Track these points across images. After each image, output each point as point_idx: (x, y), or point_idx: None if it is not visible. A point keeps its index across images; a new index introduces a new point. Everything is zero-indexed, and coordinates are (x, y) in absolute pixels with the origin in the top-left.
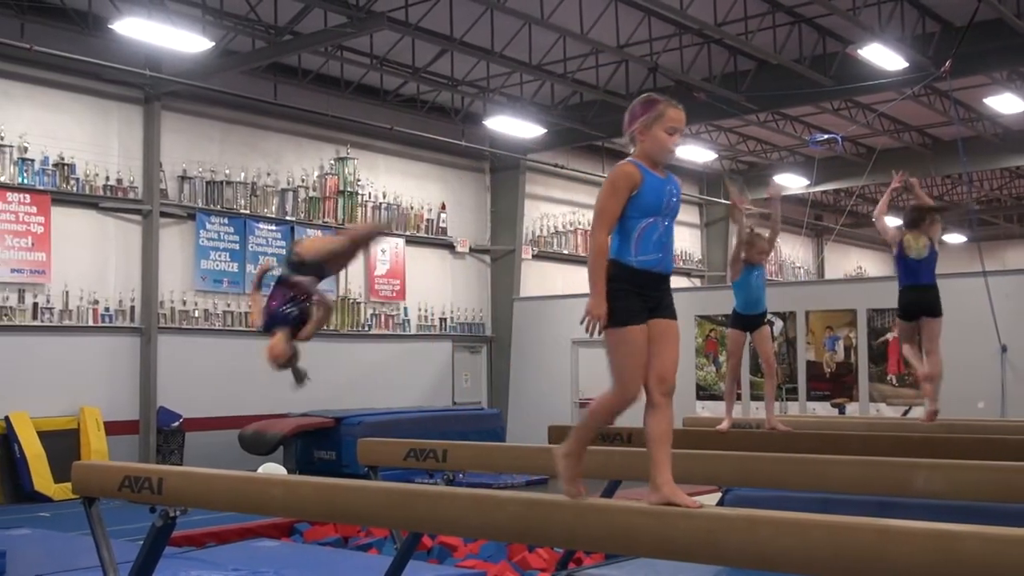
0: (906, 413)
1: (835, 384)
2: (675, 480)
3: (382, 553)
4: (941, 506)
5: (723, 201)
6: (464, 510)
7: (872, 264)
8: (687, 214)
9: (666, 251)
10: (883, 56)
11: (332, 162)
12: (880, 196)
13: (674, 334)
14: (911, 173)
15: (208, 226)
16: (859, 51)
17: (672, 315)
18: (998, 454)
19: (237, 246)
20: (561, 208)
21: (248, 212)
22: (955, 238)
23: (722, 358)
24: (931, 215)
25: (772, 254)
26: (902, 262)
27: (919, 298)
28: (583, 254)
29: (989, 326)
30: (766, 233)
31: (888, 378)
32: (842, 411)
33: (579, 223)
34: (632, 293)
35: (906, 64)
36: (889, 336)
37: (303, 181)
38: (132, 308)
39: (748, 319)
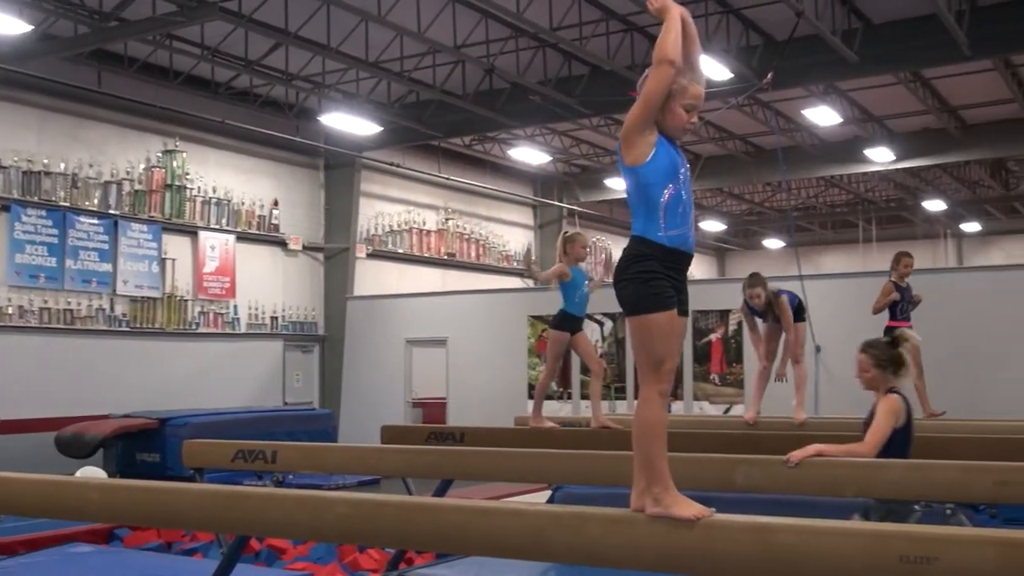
0: (727, 411)
1: None
2: (508, 478)
3: (207, 557)
4: (760, 500)
5: (557, 203)
6: (292, 511)
7: (698, 267)
8: (521, 215)
9: (690, 227)
10: (710, 66)
11: (159, 154)
12: (707, 201)
13: (684, 332)
14: (735, 180)
15: (24, 219)
16: None
17: (687, 310)
18: None
19: (56, 240)
20: (396, 207)
21: (68, 204)
22: (774, 243)
23: None
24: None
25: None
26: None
27: None
28: (418, 253)
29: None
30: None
31: (711, 377)
32: (668, 409)
33: (415, 222)
34: (663, 276)
35: (731, 75)
36: (712, 337)
37: (128, 173)
38: None
39: (577, 320)
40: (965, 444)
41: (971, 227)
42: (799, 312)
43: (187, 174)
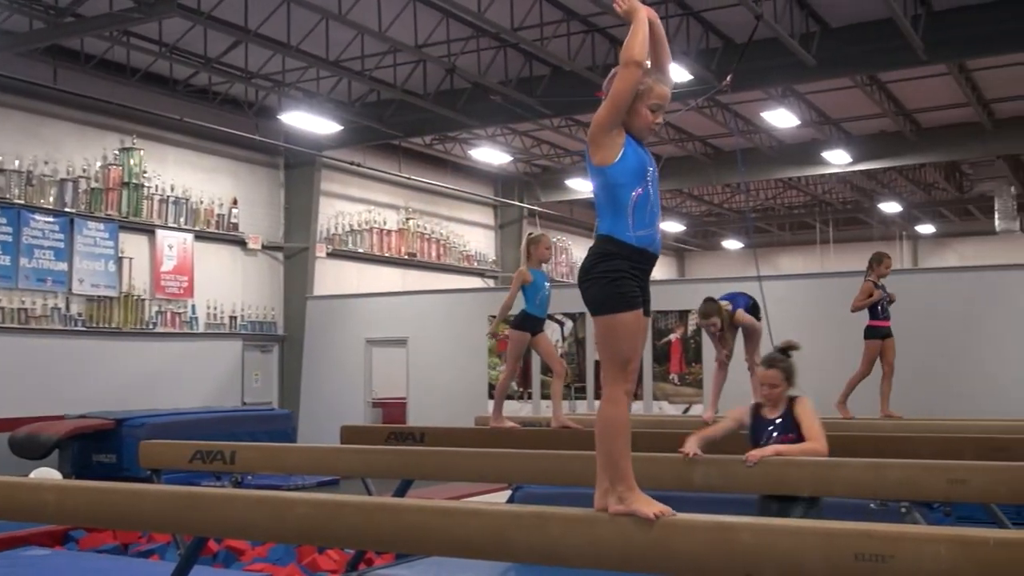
0: (686, 411)
1: None
2: (468, 478)
3: (164, 559)
4: (718, 499)
5: (517, 204)
6: (251, 512)
7: (657, 268)
8: (481, 215)
9: (657, 227)
10: (671, 68)
11: (116, 152)
12: (666, 202)
13: (646, 332)
14: (694, 181)
15: None
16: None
17: (649, 310)
18: None
19: (10, 238)
20: (357, 207)
21: (23, 202)
22: (733, 244)
23: None
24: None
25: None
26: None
27: None
28: (378, 253)
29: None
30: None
31: (670, 377)
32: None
33: (375, 222)
34: (629, 276)
35: (691, 77)
36: (672, 337)
37: (84, 171)
38: None
39: (538, 321)
40: (919, 443)
41: (926, 229)
42: (754, 312)
43: (145, 172)
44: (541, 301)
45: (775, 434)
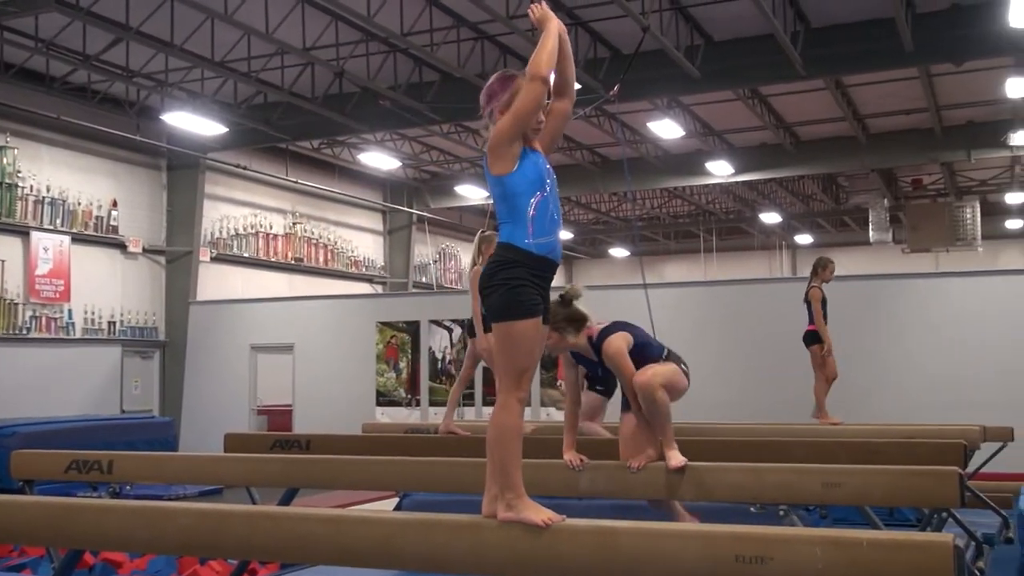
0: None
1: None
2: (354, 486)
3: (37, 574)
4: (604, 505)
5: (406, 209)
6: (129, 524)
7: None
8: (370, 220)
9: (558, 235)
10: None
11: None
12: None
13: (544, 340)
14: (582, 189)
15: None
16: None
17: (549, 318)
18: None
19: None
20: (242, 210)
21: None
22: (620, 252)
23: (402, 364)
24: None
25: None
26: None
27: None
28: (264, 257)
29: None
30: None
31: (557, 384)
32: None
33: (260, 225)
34: (530, 283)
35: (579, 86)
36: None
37: None
38: None
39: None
40: (796, 447)
41: (804, 239)
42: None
43: (19, 172)
44: None
45: (603, 374)
